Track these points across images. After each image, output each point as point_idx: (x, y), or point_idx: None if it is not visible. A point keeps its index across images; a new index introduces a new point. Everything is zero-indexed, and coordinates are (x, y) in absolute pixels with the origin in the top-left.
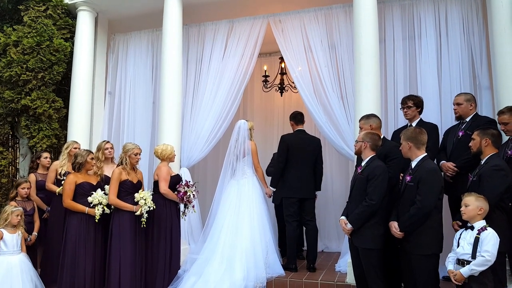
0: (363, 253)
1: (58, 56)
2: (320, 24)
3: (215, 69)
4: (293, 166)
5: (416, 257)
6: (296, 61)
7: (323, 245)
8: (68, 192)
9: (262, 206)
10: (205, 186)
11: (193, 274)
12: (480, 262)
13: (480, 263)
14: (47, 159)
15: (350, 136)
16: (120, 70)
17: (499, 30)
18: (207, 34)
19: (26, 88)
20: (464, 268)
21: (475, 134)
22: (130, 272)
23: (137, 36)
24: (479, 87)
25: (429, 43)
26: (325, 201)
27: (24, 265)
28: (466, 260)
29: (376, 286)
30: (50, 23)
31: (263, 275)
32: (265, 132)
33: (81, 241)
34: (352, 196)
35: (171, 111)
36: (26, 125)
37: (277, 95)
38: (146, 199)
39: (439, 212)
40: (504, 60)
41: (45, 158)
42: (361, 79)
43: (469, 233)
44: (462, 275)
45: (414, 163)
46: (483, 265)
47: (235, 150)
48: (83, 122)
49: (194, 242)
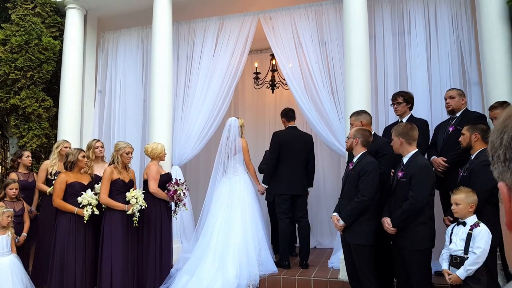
0: (356, 249)
1: (47, 54)
2: (311, 20)
3: (206, 66)
4: (285, 163)
5: (409, 252)
6: (286, 58)
7: (315, 241)
8: (58, 192)
9: (254, 203)
10: (198, 184)
11: (186, 272)
12: (473, 260)
13: (473, 262)
14: (28, 158)
15: (341, 132)
16: (110, 68)
17: (487, 26)
18: (197, 31)
19: (15, 87)
20: (459, 271)
21: (464, 129)
22: (122, 271)
23: (126, 33)
24: (468, 82)
25: (418, 38)
26: (317, 198)
27: (14, 266)
28: (459, 256)
29: (368, 282)
30: (38, 21)
31: (256, 273)
32: (257, 129)
33: (70, 241)
34: (344, 192)
35: (162, 109)
36: (15, 124)
37: (268, 92)
38: (137, 198)
39: (431, 208)
40: (493, 55)
41: (26, 157)
42: (351, 75)
43: (461, 229)
44: (459, 277)
45: (405, 159)
46: (476, 263)
47: (226, 147)
48: (73, 121)
49: (187, 240)
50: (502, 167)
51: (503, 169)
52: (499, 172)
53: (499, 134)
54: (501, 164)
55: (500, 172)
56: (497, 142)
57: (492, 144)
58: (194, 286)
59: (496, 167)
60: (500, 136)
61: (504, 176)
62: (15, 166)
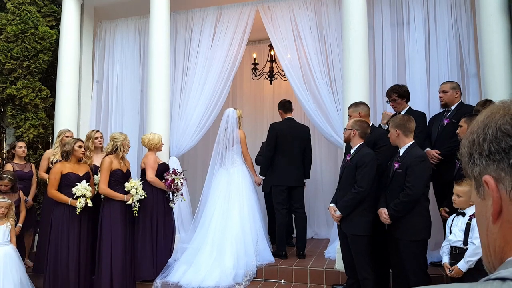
0: (352, 239)
1: (44, 44)
2: (309, 11)
3: (204, 57)
4: (282, 154)
5: (405, 243)
6: (285, 49)
7: (312, 232)
8: (52, 182)
9: (252, 194)
10: (195, 175)
11: (183, 262)
12: (472, 250)
13: (472, 253)
14: (21, 148)
15: (339, 123)
16: (107, 58)
17: (486, 18)
18: (195, 21)
19: (11, 77)
20: (460, 263)
21: (462, 121)
22: (121, 261)
23: (124, 23)
24: (466, 74)
25: (417, 29)
26: (314, 189)
27: (8, 258)
28: (458, 247)
29: (364, 272)
30: (34, 10)
31: (253, 263)
32: (255, 120)
33: (64, 232)
34: (341, 183)
35: (159, 100)
36: (12, 114)
37: (266, 83)
38: (137, 188)
39: (427, 199)
40: (491, 47)
41: (19, 147)
42: (349, 66)
43: (460, 219)
44: (461, 270)
45: (402, 150)
46: (476, 254)
47: (224, 139)
48: (70, 111)
49: (185, 231)
50: (486, 161)
51: (486, 164)
52: (482, 168)
53: (481, 131)
54: (485, 159)
55: (483, 168)
56: (481, 139)
57: (472, 143)
58: (191, 276)
59: (478, 164)
60: (483, 132)
61: (489, 169)
62: (9, 156)
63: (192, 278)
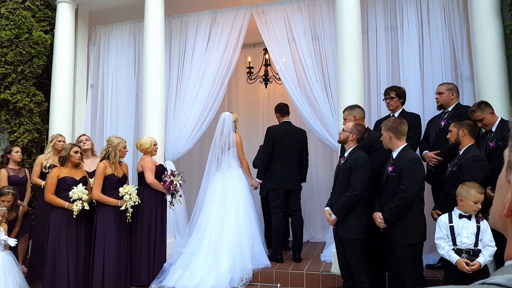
0: (347, 243)
1: (38, 49)
2: (304, 15)
3: (199, 61)
4: (279, 157)
5: (400, 246)
6: (280, 52)
7: (308, 235)
8: (49, 186)
9: (248, 198)
10: (191, 179)
11: (179, 267)
12: (491, 252)
13: (492, 253)
14: (18, 153)
15: (334, 127)
16: (102, 63)
17: (479, 20)
18: (190, 25)
19: (5, 82)
20: (480, 258)
21: (452, 126)
22: (114, 266)
23: (118, 28)
24: (460, 77)
25: (411, 33)
26: (310, 192)
27: (7, 263)
28: (471, 249)
29: (360, 275)
30: (28, 15)
31: (249, 267)
32: (250, 124)
33: (62, 236)
34: (335, 186)
35: (155, 104)
36: (6, 119)
37: (261, 87)
38: (131, 194)
39: (422, 201)
40: (484, 50)
41: (16, 152)
42: (344, 70)
43: (469, 223)
44: (481, 264)
45: (395, 153)
46: (492, 255)
47: (220, 142)
48: (65, 116)
49: (180, 235)
50: None
51: None
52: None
53: None
54: None
55: None
56: None
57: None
58: (187, 280)
59: None
60: None
61: None
62: (4, 161)
63: (188, 282)
